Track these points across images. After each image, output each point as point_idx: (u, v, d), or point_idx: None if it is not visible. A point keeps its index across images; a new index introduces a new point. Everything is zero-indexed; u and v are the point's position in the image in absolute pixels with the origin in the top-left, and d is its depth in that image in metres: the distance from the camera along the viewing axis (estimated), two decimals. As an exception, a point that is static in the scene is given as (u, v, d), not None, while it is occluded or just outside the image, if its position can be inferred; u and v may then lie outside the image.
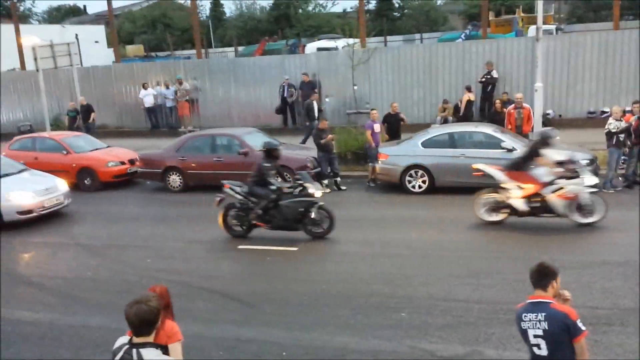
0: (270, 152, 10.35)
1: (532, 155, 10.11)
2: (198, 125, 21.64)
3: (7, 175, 12.78)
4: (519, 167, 10.17)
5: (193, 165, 14.34)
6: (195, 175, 14.37)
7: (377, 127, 14.08)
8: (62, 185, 13.08)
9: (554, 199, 9.74)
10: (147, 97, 22.39)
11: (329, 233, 10.06)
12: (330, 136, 13.82)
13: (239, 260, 9.44)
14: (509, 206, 10.09)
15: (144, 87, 22.46)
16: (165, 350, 3.72)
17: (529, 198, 9.94)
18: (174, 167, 14.46)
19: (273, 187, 10.10)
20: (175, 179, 14.55)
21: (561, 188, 9.71)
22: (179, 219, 12.29)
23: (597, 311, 6.77)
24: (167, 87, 22.23)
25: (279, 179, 10.47)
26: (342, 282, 8.22)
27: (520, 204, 9.95)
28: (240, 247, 10.03)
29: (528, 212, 10.01)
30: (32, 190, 12.36)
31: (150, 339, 3.54)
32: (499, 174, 10.30)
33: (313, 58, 21.68)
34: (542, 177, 9.90)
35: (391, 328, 6.77)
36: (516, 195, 9.98)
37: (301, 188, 10.07)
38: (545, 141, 10.08)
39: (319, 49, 26.63)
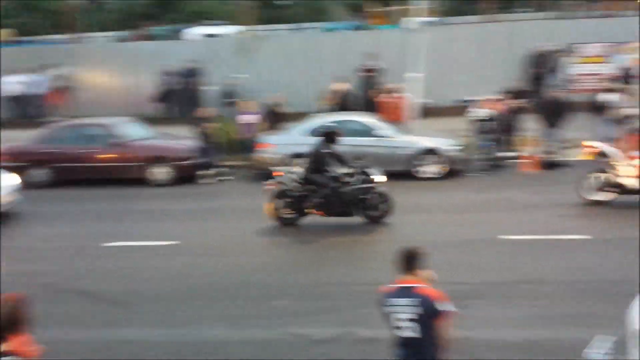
0: (330, 136, 9.70)
1: None
2: (70, 114, 20.26)
3: None
4: None
5: (61, 157, 13.35)
6: (63, 168, 13.38)
7: (250, 118, 14.01)
8: (12, 179, 11.31)
9: None
10: (12, 85, 20.57)
11: (385, 216, 9.73)
12: (211, 125, 13.55)
13: (108, 258, 8.93)
14: (619, 185, 9.77)
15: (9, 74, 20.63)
16: None
17: None
18: (39, 160, 13.39)
19: (333, 175, 9.57)
20: (39, 173, 13.41)
21: None
22: (41, 216, 11.40)
23: (462, 286, 7.13)
24: (38, 74, 20.55)
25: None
26: (218, 275, 8.09)
27: (635, 183, 9.58)
28: (106, 244, 9.49)
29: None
30: None
31: (10, 345, 3.17)
32: (613, 151, 9.92)
33: (196, 44, 21.07)
34: None
35: (267, 317, 6.74)
36: (630, 173, 9.62)
37: (361, 174, 9.67)
38: None
39: (203, 36, 25.95)
